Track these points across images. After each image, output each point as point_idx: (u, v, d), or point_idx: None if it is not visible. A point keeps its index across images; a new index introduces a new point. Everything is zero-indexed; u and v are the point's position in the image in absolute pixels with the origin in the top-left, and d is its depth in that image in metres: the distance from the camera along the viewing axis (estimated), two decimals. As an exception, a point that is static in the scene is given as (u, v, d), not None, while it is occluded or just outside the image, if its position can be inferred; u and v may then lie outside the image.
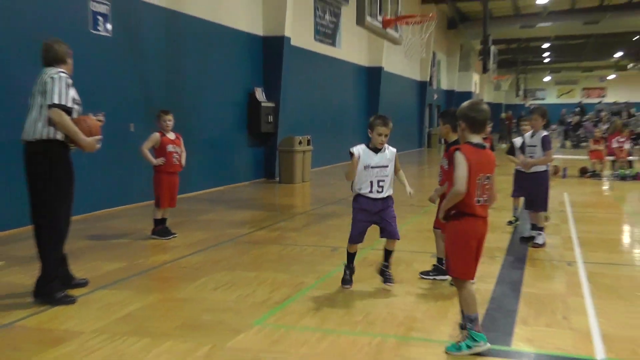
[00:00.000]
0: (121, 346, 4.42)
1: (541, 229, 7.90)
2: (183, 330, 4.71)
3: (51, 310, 5.20)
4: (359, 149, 5.76)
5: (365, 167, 5.70)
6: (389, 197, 5.85)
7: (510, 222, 9.43)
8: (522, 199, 8.75)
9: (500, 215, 10.37)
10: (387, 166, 5.76)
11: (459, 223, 4.32)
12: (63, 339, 4.55)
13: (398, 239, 5.93)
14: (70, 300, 5.38)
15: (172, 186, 8.14)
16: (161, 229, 8.11)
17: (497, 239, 8.31)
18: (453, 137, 5.85)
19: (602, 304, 5.39)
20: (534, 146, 7.85)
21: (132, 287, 5.97)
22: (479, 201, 4.27)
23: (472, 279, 4.45)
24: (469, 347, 4.25)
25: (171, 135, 8.19)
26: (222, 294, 5.73)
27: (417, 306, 5.34)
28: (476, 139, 4.37)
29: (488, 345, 4.27)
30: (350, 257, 6.06)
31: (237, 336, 4.60)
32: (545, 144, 7.71)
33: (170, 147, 8.07)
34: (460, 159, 4.25)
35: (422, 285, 6.03)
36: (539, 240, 7.81)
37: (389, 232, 5.87)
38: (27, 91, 5.42)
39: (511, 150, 9.21)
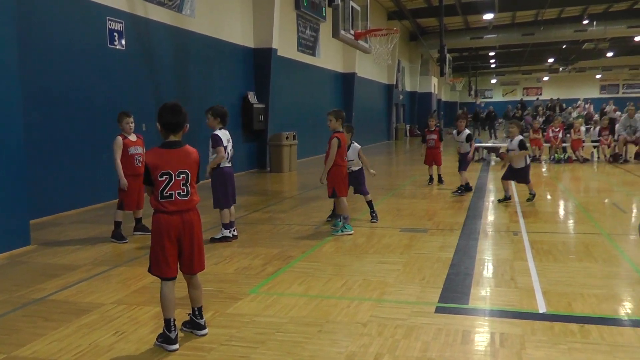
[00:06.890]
0: (137, 314, 4.34)
1: (225, 225, 6.85)
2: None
3: (77, 285, 5.09)
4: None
5: None
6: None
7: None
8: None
9: (459, 194, 10.36)
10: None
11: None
12: (86, 310, 4.45)
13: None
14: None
15: (138, 188, 6.82)
16: (118, 233, 6.92)
17: (455, 215, 8.28)
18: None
19: (542, 266, 5.39)
20: None
21: (145, 263, 5.80)
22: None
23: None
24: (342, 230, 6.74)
25: (133, 137, 6.94)
26: (223, 268, 5.64)
27: (388, 274, 5.28)
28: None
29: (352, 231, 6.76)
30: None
31: (236, 303, 4.53)
32: (212, 142, 6.77)
33: (132, 150, 6.85)
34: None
35: (392, 257, 5.97)
36: (217, 235, 6.88)
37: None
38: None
39: None
